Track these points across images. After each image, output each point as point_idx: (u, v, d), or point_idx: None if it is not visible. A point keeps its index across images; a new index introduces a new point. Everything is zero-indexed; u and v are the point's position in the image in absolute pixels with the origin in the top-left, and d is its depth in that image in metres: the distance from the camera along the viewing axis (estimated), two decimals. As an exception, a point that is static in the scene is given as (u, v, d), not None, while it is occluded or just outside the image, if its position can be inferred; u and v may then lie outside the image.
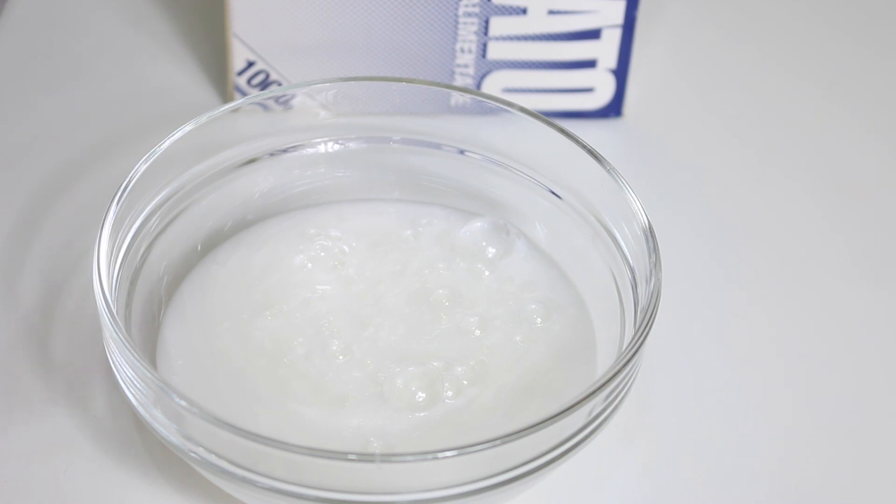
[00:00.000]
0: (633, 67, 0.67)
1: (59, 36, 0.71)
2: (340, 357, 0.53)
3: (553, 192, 0.57)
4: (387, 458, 0.44)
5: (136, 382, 0.47)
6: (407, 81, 0.58)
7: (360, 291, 0.55)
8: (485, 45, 0.65)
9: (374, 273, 0.56)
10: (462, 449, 0.44)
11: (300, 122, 0.58)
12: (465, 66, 0.66)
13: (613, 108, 0.68)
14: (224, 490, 0.49)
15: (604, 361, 0.53)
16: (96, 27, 0.72)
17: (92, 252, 0.50)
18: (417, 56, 0.65)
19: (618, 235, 0.54)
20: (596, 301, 0.55)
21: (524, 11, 0.64)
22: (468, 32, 0.65)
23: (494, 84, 0.67)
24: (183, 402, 0.45)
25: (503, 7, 0.64)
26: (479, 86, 0.66)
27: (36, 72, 0.69)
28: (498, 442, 0.45)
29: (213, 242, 0.57)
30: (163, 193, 0.55)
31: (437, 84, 0.58)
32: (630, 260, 0.53)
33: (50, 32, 0.71)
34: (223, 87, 0.69)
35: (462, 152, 0.58)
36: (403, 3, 0.64)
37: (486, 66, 0.66)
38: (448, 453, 0.44)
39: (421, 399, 0.51)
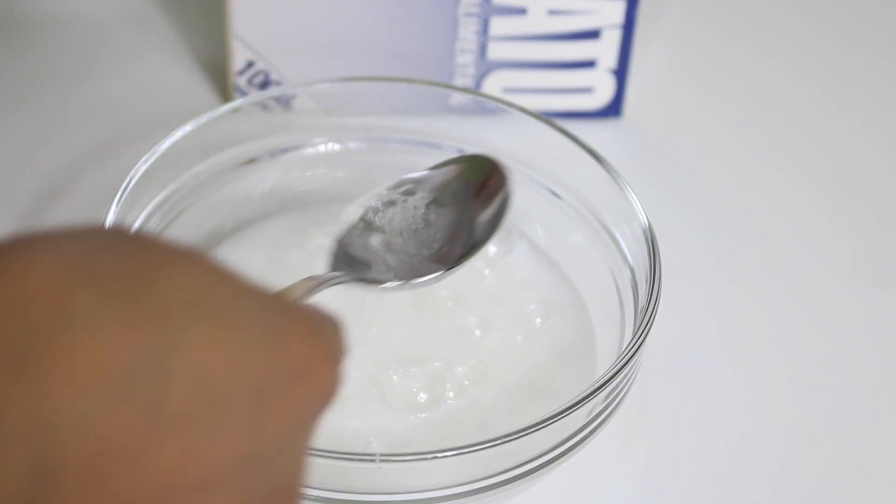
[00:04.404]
0: (633, 67, 0.67)
1: (60, 36, 0.71)
2: (340, 357, 0.52)
3: (553, 192, 0.57)
4: (387, 458, 0.44)
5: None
6: (407, 81, 0.58)
7: (360, 291, 0.55)
8: (485, 45, 0.65)
9: (374, 273, 0.56)
10: (462, 449, 0.44)
11: (300, 122, 0.58)
12: (465, 66, 0.66)
13: (613, 108, 0.68)
14: (224, 490, 0.49)
15: (604, 361, 0.53)
16: (96, 27, 0.72)
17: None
18: (417, 56, 0.65)
19: (618, 235, 0.54)
20: (596, 301, 0.55)
21: (524, 11, 0.64)
22: (468, 32, 0.65)
23: (494, 84, 0.66)
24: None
25: (503, 7, 0.64)
26: (479, 86, 0.66)
27: (36, 72, 0.69)
28: (498, 442, 0.45)
29: (213, 242, 0.57)
30: (163, 193, 0.55)
31: (437, 84, 0.58)
32: (630, 260, 0.53)
33: (50, 32, 0.71)
34: (223, 87, 0.69)
35: (462, 152, 0.58)
36: (403, 3, 0.64)
37: (486, 66, 0.66)
38: (448, 453, 0.44)
39: (422, 400, 0.51)
